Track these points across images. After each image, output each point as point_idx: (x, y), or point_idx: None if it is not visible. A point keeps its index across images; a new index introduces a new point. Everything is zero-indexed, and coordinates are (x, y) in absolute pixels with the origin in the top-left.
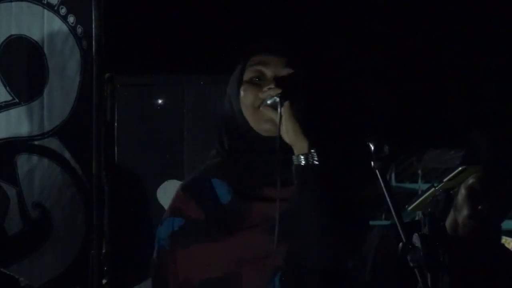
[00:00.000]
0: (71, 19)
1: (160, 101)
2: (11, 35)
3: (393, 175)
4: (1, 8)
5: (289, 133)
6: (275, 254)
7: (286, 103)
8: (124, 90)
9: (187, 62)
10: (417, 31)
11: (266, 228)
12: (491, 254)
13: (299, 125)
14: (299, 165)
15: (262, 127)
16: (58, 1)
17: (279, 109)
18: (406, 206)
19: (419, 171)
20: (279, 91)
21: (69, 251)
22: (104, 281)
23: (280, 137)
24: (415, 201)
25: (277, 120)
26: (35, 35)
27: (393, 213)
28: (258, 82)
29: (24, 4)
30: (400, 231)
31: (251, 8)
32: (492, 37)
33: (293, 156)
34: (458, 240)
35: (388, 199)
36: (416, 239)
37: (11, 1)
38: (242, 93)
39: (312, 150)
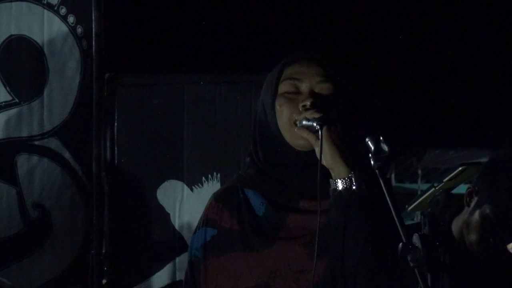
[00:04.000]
0: (71, 19)
1: (160, 101)
2: (11, 35)
3: (393, 175)
4: (1, 8)
5: (327, 157)
6: (313, 269)
7: (324, 128)
8: (124, 90)
9: (187, 62)
10: (417, 30)
11: (304, 242)
12: (494, 257)
13: (337, 149)
14: (337, 189)
15: (297, 143)
16: (58, 1)
17: (320, 134)
18: (406, 206)
19: (419, 171)
20: (316, 115)
21: (69, 251)
22: (104, 281)
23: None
24: (415, 201)
25: (313, 141)
26: (35, 35)
27: (393, 213)
28: (293, 97)
29: (24, 4)
30: (400, 231)
31: (251, 8)
32: (492, 36)
33: (331, 180)
34: (463, 245)
35: (388, 199)
36: (416, 239)
37: (11, 1)
38: (277, 107)
39: (350, 175)
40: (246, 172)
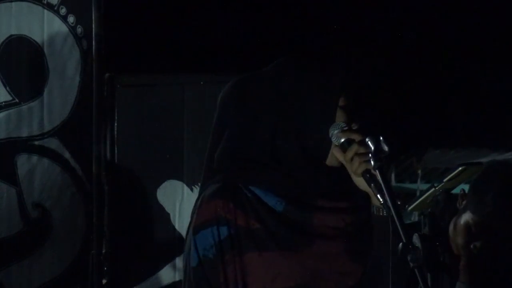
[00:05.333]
0: (71, 19)
1: (160, 101)
2: (11, 35)
3: (393, 175)
4: (1, 8)
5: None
6: (353, 271)
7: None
8: (124, 90)
9: (187, 62)
10: (417, 31)
11: (342, 242)
12: (491, 255)
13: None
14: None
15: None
16: (58, 1)
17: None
18: (406, 206)
19: (419, 171)
20: (364, 150)
21: (69, 251)
22: (104, 281)
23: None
24: (415, 201)
25: (345, 162)
26: (35, 35)
27: (393, 213)
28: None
29: (24, 4)
30: (400, 231)
31: (251, 8)
32: (493, 37)
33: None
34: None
35: (388, 199)
36: (416, 239)
37: (11, 1)
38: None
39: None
40: (243, 166)
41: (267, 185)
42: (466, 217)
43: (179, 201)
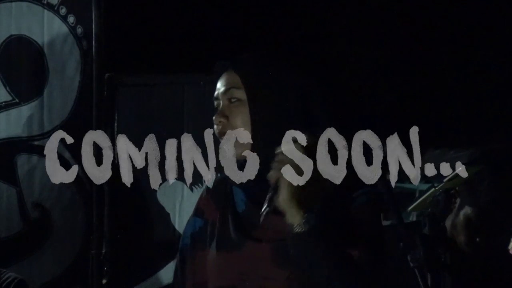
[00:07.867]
0: (71, 19)
1: (160, 101)
2: (11, 35)
3: None
4: (1, 8)
5: (280, 203)
6: (276, 277)
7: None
8: (124, 90)
9: (187, 62)
10: (417, 29)
11: (274, 247)
12: (491, 255)
13: (293, 196)
14: (294, 229)
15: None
16: (58, 1)
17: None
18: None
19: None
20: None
21: (69, 251)
22: (104, 281)
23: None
24: (415, 201)
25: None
26: (35, 35)
27: (393, 213)
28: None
29: (24, 4)
30: (400, 231)
31: (251, 8)
32: (492, 36)
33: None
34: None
35: (388, 199)
36: (416, 239)
37: (11, 1)
38: None
39: (305, 215)
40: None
41: (241, 184)
42: (464, 212)
43: (179, 201)
